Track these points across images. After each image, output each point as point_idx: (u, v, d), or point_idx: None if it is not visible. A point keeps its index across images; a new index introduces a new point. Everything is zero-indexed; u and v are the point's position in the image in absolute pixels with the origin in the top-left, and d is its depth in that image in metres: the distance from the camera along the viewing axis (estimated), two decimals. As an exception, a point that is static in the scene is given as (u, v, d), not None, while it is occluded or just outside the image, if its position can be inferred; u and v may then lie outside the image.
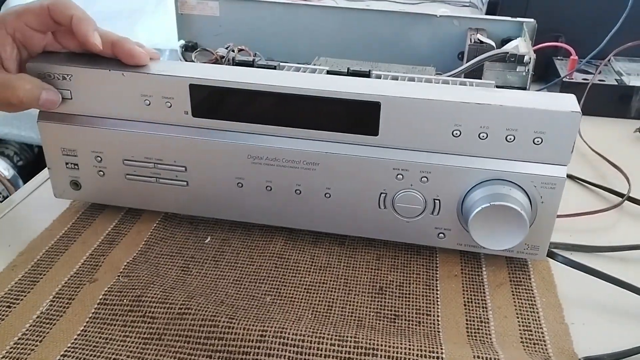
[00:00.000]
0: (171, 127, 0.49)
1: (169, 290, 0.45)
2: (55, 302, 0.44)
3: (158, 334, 0.41)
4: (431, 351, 0.39)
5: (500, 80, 0.69)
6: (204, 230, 0.54)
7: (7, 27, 0.47)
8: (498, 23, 0.73)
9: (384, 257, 0.51)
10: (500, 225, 0.44)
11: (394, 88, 0.45)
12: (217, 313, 0.42)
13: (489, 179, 0.45)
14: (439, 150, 0.46)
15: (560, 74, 0.82)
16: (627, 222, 0.57)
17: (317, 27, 0.76)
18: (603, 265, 0.48)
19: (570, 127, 0.43)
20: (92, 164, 0.52)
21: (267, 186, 0.50)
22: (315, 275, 0.48)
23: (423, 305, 0.45)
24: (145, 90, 0.48)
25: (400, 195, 0.47)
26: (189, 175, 0.51)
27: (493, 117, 0.43)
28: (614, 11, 0.79)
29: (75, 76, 0.48)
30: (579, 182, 0.64)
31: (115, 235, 0.52)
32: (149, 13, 1.40)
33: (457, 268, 0.50)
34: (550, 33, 0.84)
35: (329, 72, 0.54)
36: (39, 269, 0.48)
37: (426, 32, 0.74)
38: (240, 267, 0.49)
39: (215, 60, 0.66)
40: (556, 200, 0.45)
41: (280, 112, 0.47)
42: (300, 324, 0.42)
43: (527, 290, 0.47)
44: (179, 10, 0.78)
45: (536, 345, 0.42)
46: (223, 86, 0.46)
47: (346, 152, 0.47)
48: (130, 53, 0.47)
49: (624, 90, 0.80)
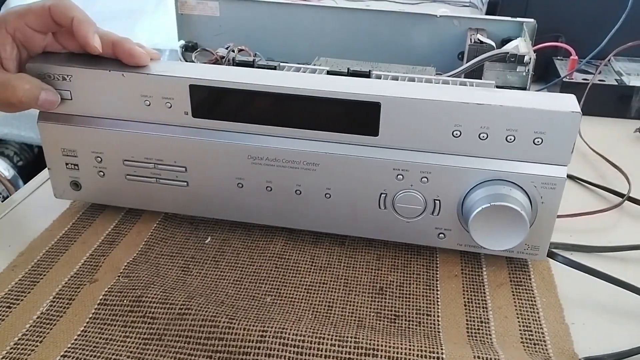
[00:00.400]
0: (171, 128, 0.49)
1: (169, 291, 0.45)
2: (55, 303, 0.44)
3: (158, 334, 0.41)
4: (431, 351, 0.39)
5: (501, 80, 0.69)
6: (204, 230, 0.54)
7: (7, 27, 0.47)
8: (498, 23, 0.73)
9: (384, 258, 0.51)
10: (501, 225, 0.44)
11: (394, 88, 0.45)
12: (218, 313, 0.42)
13: (489, 179, 0.45)
14: (439, 151, 0.46)
15: (560, 74, 0.82)
16: (627, 222, 0.57)
17: (317, 27, 0.76)
18: (603, 265, 0.48)
19: (570, 127, 0.43)
20: (92, 164, 0.52)
21: (267, 186, 0.50)
22: (316, 276, 0.48)
23: (423, 305, 0.45)
24: (145, 91, 0.48)
25: (400, 195, 0.47)
26: (189, 176, 0.51)
27: (493, 117, 0.43)
28: (614, 11, 0.79)
29: (75, 76, 0.48)
30: (579, 182, 0.64)
31: (116, 236, 0.52)
32: (148, 13, 1.40)
33: (458, 268, 0.50)
34: (550, 33, 0.84)
35: (329, 72, 0.54)
36: (39, 270, 0.48)
37: (426, 32, 0.74)
38: (240, 267, 0.49)
39: (215, 60, 0.66)
40: (556, 201, 0.45)
41: (280, 113, 0.47)
42: (300, 324, 0.42)
43: (527, 290, 0.47)
44: (179, 11, 0.78)
45: (536, 346, 0.42)
46: (223, 86, 0.46)
47: (346, 153, 0.47)
48: (130, 53, 0.47)
49: (624, 90, 0.80)
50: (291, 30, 0.76)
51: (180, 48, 0.76)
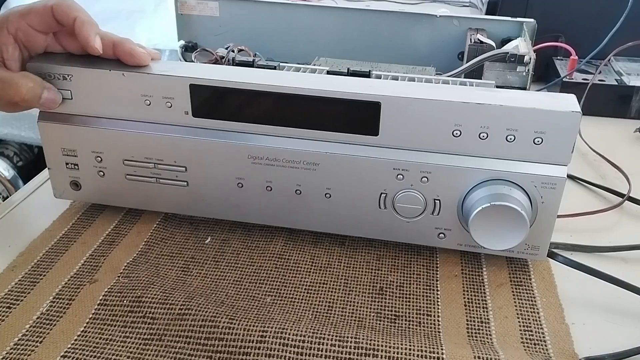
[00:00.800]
0: (171, 127, 0.49)
1: (169, 291, 0.45)
2: (55, 303, 0.44)
3: (158, 334, 0.41)
4: (431, 352, 0.39)
5: (501, 80, 0.69)
6: (204, 230, 0.54)
7: (9, 27, 0.47)
8: (498, 23, 0.73)
9: (384, 258, 0.51)
10: (501, 225, 0.44)
11: (394, 88, 0.45)
12: (218, 313, 0.42)
13: (489, 179, 0.45)
14: (439, 150, 0.46)
15: (560, 74, 0.82)
16: (627, 222, 0.57)
17: (317, 27, 0.76)
18: (603, 265, 0.48)
19: (570, 127, 0.43)
20: (92, 164, 0.52)
21: (267, 186, 0.50)
22: (316, 276, 0.48)
23: (423, 305, 0.45)
24: (146, 91, 0.48)
25: (400, 195, 0.47)
26: (189, 176, 0.51)
27: (493, 117, 0.43)
28: (613, 11, 0.79)
29: (76, 76, 0.48)
30: (579, 182, 0.64)
31: (115, 236, 0.52)
32: (148, 13, 1.40)
33: (458, 268, 0.49)
34: (550, 33, 0.84)
35: (329, 72, 0.54)
36: (39, 270, 0.48)
37: (426, 32, 0.74)
38: (240, 267, 0.49)
39: (215, 60, 0.66)
40: (556, 200, 0.45)
41: (280, 113, 0.47)
42: (300, 325, 0.42)
43: (527, 290, 0.47)
44: (178, 11, 0.78)
45: (537, 346, 0.42)
46: (223, 86, 0.46)
47: (346, 152, 0.47)
48: (131, 53, 0.47)
49: (624, 90, 0.80)
50: (291, 30, 0.76)
51: (180, 48, 0.76)
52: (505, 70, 0.68)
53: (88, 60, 0.48)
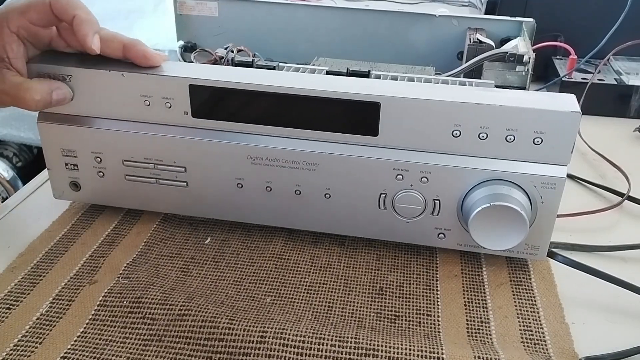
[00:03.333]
0: (171, 128, 0.49)
1: (168, 292, 0.45)
2: (55, 304, 0.44)
3: (158, 335, 0.41)
4: (431, 352, 0.39)
5: (500, 80, 0.69)
6: (203, 231, 0.54)
7: (10, 25, 0.46)
8: (497, 23, 0.73)
9: (384, 258, 0.51)
10: (501, 225, 0.44)
11: (393, 88, 0.45)
12: (217, 314, 0.42)
13: (488, 179, 0.45)
14: (439, 151, 0.46)
15: (559, 73, 0.82)
16: (627, 222, 0.57)
17: (317, 27, 0.76)
18: (603, 265, 0.48)
19: (570, 127, 0.43)
20: (91, 164, 0.52)
21: (267, 187, 0.49)
22: (316, 276, 0.48)
23: (423, 305, 0.45)
24: (145, 91, 0.48)
25: (400, 195, 0.47)
26: (189, 176, 0.51)
27: (493, 117, 0.43)
28: (613, 11, 0.79)
29: (75, 76, 0.48)
30: (579, 181, 0.64)
31: (115, 237, 0.52)
32: (148, 13, 1.40)
33: (458, 268, 0.49)
34: (550, 32, 0.84)
35: (329, 72, 0.54)
36: (39, 271, 0.48)
37: (425, 32, 0.74)
38: (240, 268, 0.49)
39: (215, 60, 0.66)
40: (556, 200, 0.45)
41: (279, 113, 0.47)
42: (300, 325, 0.42)
43: (527, 290, 0.47)
44: (178, 11, 0.78)
45: (537, 345, 0.42)
46: (223, 87, 0.46)
47: (346, 153, 0.47)
48: (145, 55, 0.47)
49: (624, 90, 0.80)
50: (290, 30, 0.76)
51: (179, 48, 0.76)
52: (504, 69, 0.68)
53: (87, 61, 0.48)
